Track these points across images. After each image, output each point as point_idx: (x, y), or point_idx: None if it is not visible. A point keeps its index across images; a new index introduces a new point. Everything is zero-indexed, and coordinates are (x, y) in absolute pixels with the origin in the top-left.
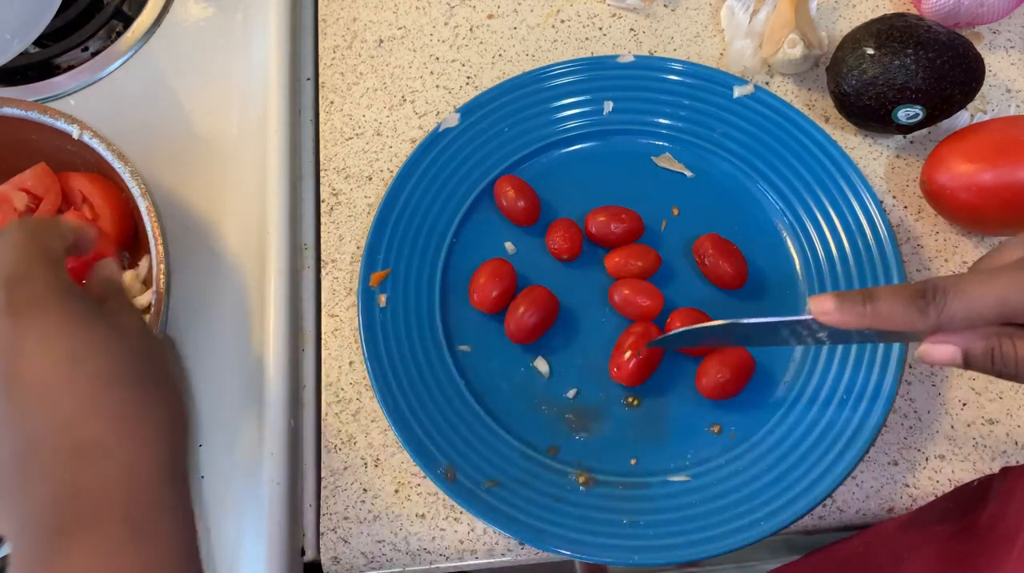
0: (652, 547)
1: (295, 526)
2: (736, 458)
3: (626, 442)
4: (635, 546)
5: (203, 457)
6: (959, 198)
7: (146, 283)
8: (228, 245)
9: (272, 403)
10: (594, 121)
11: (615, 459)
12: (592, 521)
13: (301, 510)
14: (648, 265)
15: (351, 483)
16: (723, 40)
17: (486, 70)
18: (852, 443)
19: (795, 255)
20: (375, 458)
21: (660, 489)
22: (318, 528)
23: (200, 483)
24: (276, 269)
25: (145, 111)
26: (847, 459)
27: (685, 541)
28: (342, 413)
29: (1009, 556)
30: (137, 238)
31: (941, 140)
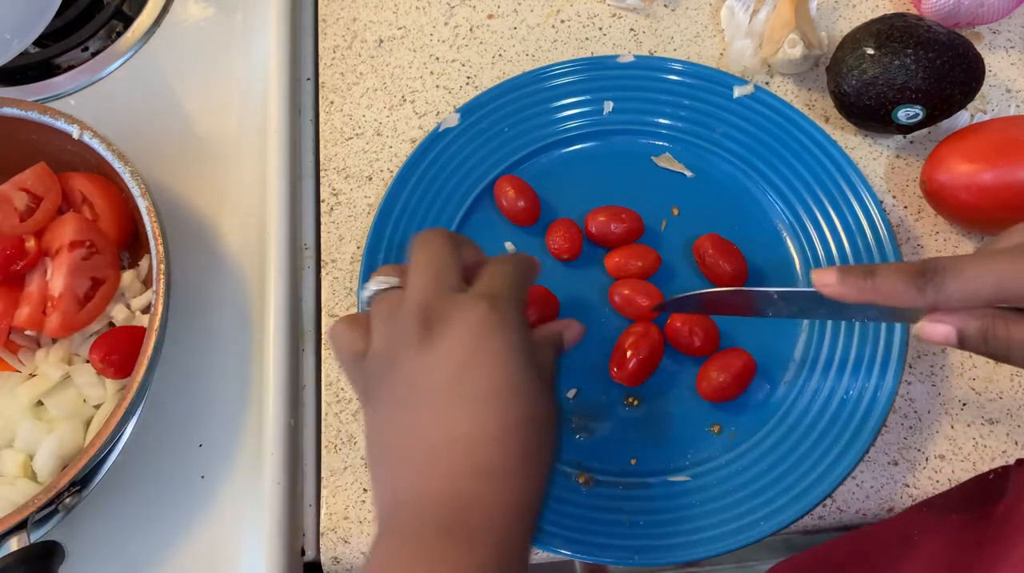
0: (652, 547)
1: (295, 526)
2: (736, 458)
3: (626, 442)
4: (635, 546)
5: (203, 457)
6: (959, 198)
7: (146, 283)
8: (228, 245)
9: (272, 403)
10: (594, 121)
11: (615, 459)
12: (592, 521)
13: (301, 510)
14: (648, 265)
15: (351, 483)
16: (723, 40)
17: (486, 70)
18: (852, 443)
19: (795, 255)
20: None
21: (660, 489)
22: (318, 528)
23: (200, 483)
24: (276, 269)
25: (145, 111)
26: (847, 459)
27: (685, 541)
28: (342, 413)
29: (1021, 546)
30: (137, 238)
31: (941, 140)
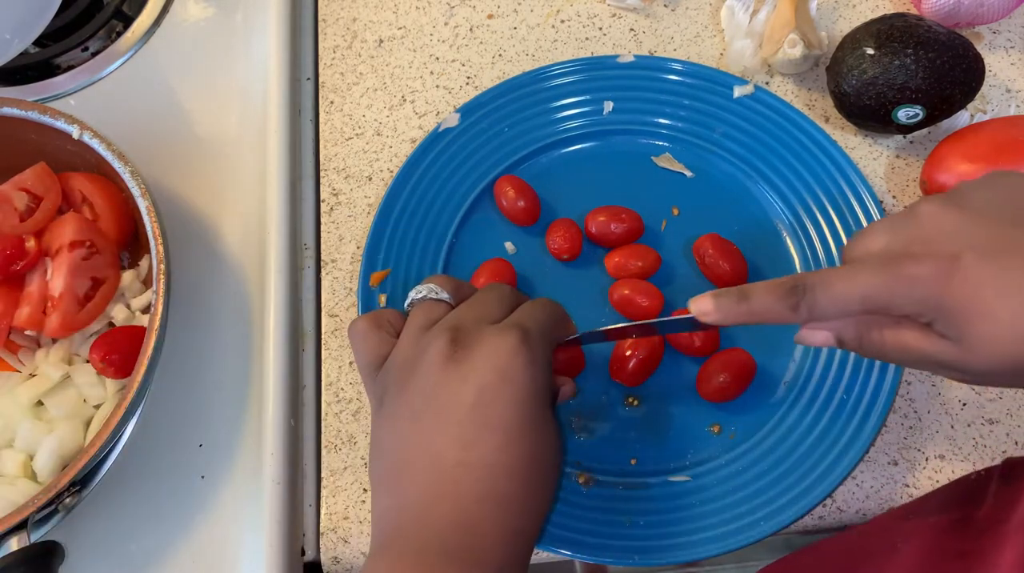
0: (652, 547)
1: (295, 526)
2: (736, 458)
3: (626, 442)
4: (635, 546)
5: (203, 457)
6: None
7: (146, 283)
8: (228, 245)
9: (272, 403)
10: (594, 121)
11: (615, 459)
12: (592, 521)
13: (301, 510)
14: (648, 265)
15: (351, 483)
16: (723, 40)
17: (486, 70)
18: (852, 443)
19: (795, 255)
20: None
21: (660, 489)
22: (318, 528)
23: (200, 483)
24: (276, 269)
25: (145, 111)
26: (847, 459)
27: (685, 541)
28: (342, 413)
29: (1003, 556)
30: (137, 238)
31: (941, 140)
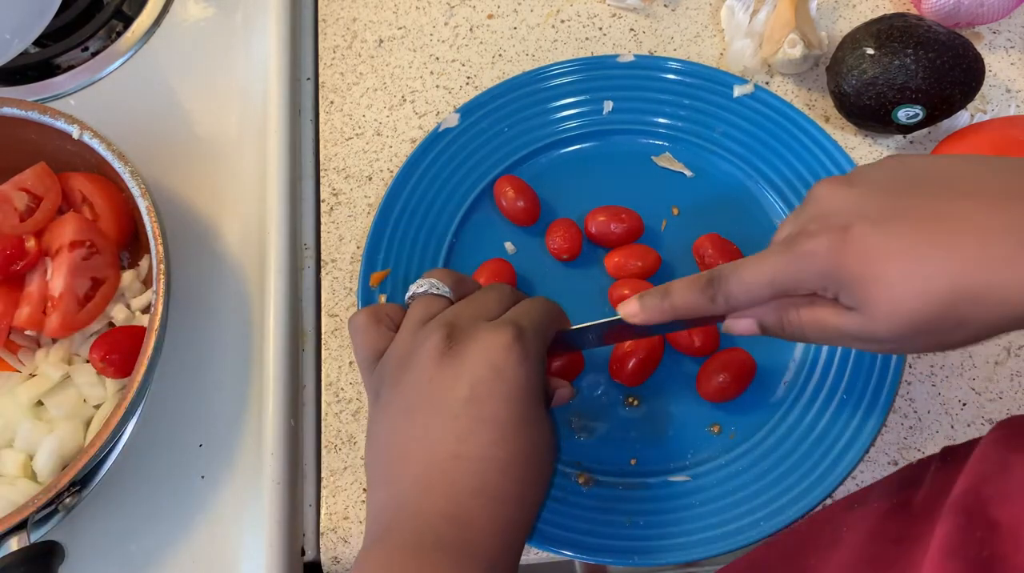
0: (652, 547)
1: (295, 526)
2: (736, 458)
3: (626, 442)
4: (635, 546)
5: (203, 457)
6: None
7: (146, 283)
8: (228, 245)
9: (272, 403)
10: (594, 121)
11: (615, 459)
12: (592, 521)
13: (301, 510)
14: (648, 265)
15: (351, 483)
16: (723, 40)
17: (486, 70)
18: (852, 443)
19: None
20: None
21: (660, 489)
22: (318, 528)
23: (200, 483)
24: (276, 269)
25: (145, 111)
26: (847, 459)
27: (685, 541)
28: (342, 413)
29: (933, 538)
30: (137, 238)
31: (941, 140)
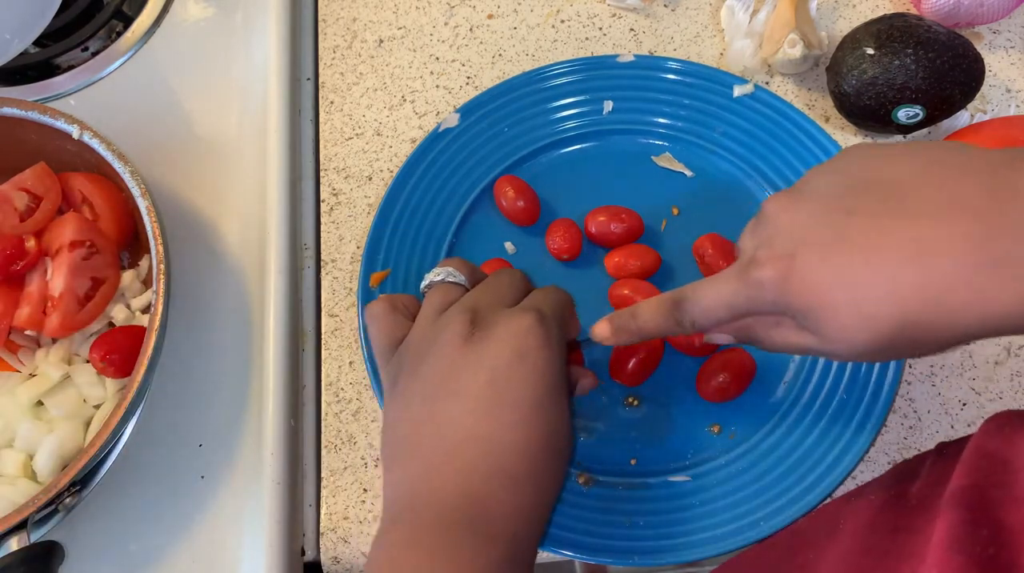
0: (652, 547)
1: (295, 526)
2: (736, 458)
3: (626, 442)
4: (635, 546)
5: (203, 457)
6: None
7: (146, 283)
8: (228, 245)
9: (272, 403)
10: (594, 121)
11: (615, 459)
12: (592, 521)
13: (301, 510)
14: (648, 265)
15: (351, 483)
16: (723, 40)
17: (486, 70)
18: (852, 443)
19: None
20: (375, 458)
21: (660, 489)
22: (318, 528)
23: (200, 483)
24: (276, 269)
25: (145, 111)
26: (847, 459)
27: (685, 541)
28: (342, 413)
29: (933, 530)
30: (137, 238)
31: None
